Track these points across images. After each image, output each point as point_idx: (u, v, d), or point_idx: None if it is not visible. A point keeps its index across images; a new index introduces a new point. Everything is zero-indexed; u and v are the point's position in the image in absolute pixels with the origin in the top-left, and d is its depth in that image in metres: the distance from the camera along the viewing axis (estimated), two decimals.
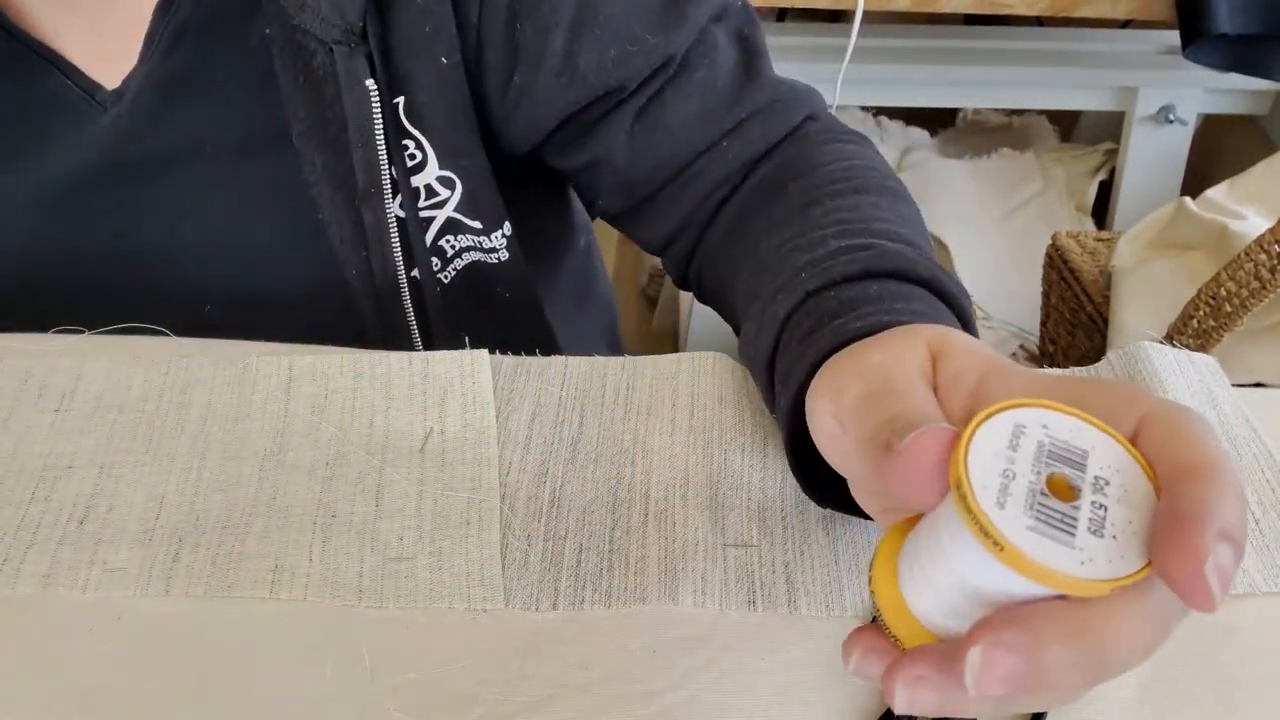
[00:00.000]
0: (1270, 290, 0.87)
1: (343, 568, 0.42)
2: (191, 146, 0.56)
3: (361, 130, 0.53)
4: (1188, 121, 1.43)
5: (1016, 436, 0.28)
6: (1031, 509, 0.27)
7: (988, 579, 0.27)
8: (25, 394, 0.49)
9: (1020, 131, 1.72)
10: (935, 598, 0.29)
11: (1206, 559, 0.25)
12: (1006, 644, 0.26)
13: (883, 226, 0.46)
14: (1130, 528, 0.27)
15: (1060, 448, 0.28)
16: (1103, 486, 0.28)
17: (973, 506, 0.27)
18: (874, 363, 0.34)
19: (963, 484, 0.27)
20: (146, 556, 0.43)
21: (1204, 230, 1.04)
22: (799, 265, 0.44)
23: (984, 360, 0.33)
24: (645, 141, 0.57)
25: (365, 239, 0.56)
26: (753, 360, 0.45)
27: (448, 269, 0.60)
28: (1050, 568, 0.26)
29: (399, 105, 0.55)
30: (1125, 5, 1.22)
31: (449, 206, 0.58)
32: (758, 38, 0.59)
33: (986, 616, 0.27)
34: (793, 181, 0.53)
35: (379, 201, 0.55)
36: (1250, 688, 0.39)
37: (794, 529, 0.44)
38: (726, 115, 0.56)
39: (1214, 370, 0.50)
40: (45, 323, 0.54)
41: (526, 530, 0.44)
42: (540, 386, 0.50)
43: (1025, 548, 0.26)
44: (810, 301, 0.42)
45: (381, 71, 0.53)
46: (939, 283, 0.42)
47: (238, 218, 0.58)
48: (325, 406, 0.48)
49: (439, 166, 0.57)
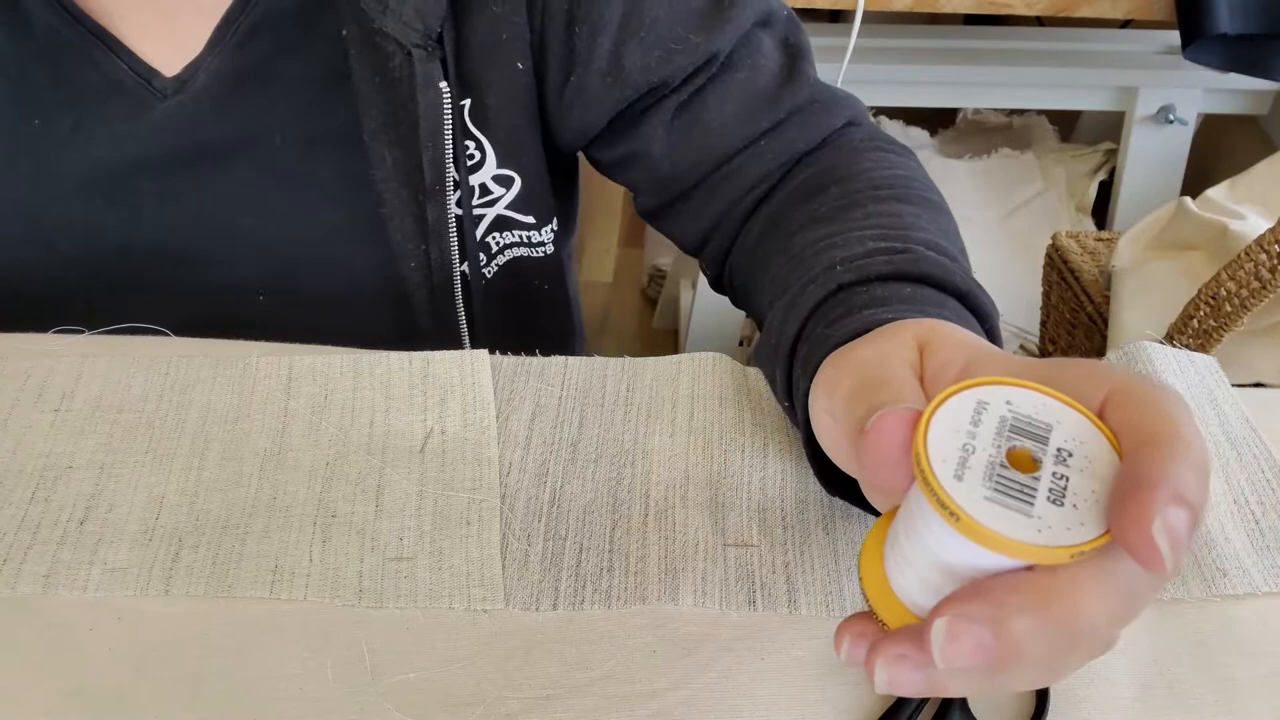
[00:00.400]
0: (1270, 290, 0.87)
1: (343, 568, 0.42)
2: (259, 138, 0.57)
3: (432, 131, 0.55)
4: (1188, 121, 1.43)
5: (979, 413, 0.29)
6: (990, 480, 0.27)
7: (954, 553, 0.28)
8: (25, 394, 0.49)
9: (1020, 131, 1.72)
10: (915, 577, 0.29)
11: (1154, 520, 0.25)
12: (970, 615, 0.27)
13: (921, 235, 0.47)
14: (1093, 497, 0.28)
15: (1023, 422, 0.29)
16: (1065, 459, 0.28)
17: (930, 479, 0.27)
18: (864, 357, 0.35)
19: (920, 459, 0.28)
20: (146, 557, 0.43)
21: (1204, 230, 1.04)
22: (833, 261, 0.45)
23: (968, 348, 0.33)
24: (683, 137, 0.58)
25: (426, 234, 0.58)
26: (774, 348, 0.45)
27: (491, 264, 0.63)
28: (1005, 535, 0.26)
29: (465, 107, 0.57)
30: (1125, 5, 1.22)
31: (500, 204, 0.61)
32: (804, 43, 0.59)
33: (953, 591, 0.28)
34: (834, 185, 0.53)
35: (442, 198, 0.57)
36: (1250, 688, 0.39)
37: (794, 529, 0.44)
38: (765, 115, 0.57)
39: (1214, 370, 0.50)
40: (88, 307, 0.56)
41: (526, 530, 0.44)
42: (540, 387, 0.50)
43: (980, 516, 0.27)
44: (841, 294, 0.43)
45: (453, 75, 0.55)
46: (974, 297, 0.43)
47: (300, 210, 0.59)
48: (325, 406, 0.48)
49: (497, 165, 0.59)
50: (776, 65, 0.58)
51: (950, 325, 0.36)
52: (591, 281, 1.84)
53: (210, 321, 0.54)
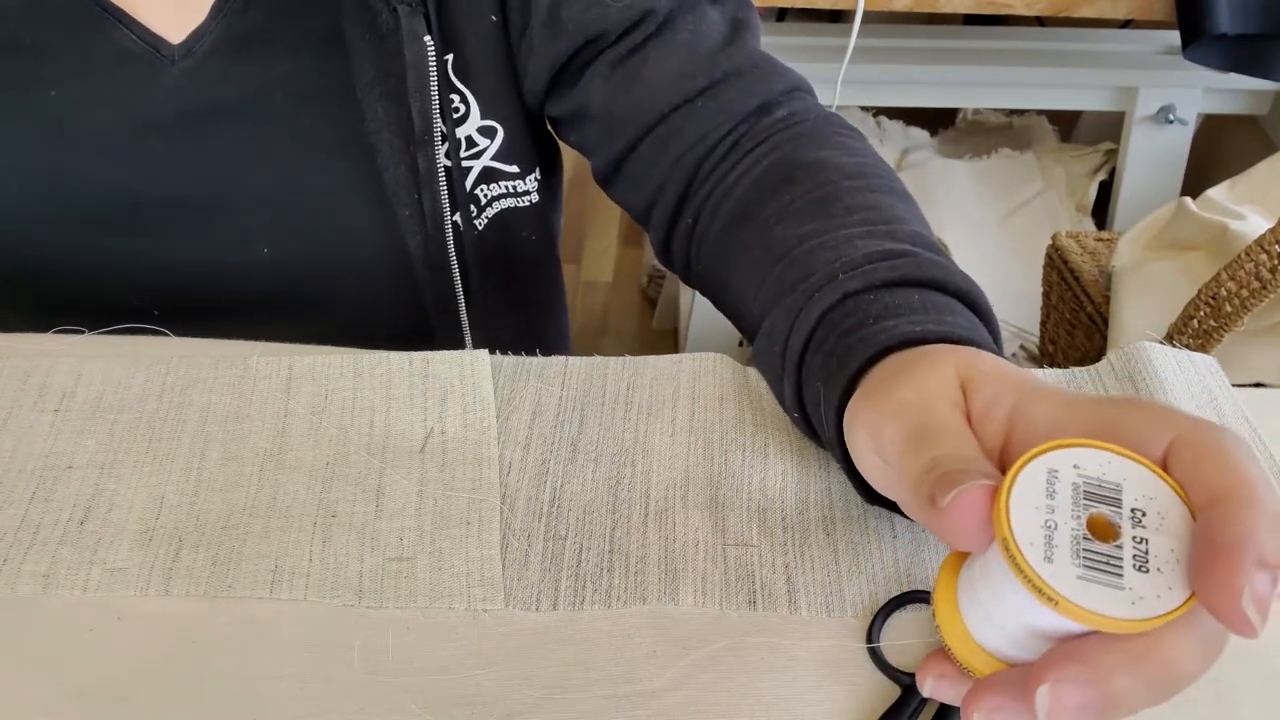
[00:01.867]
0: (1270, 290, 0.87)
1: (343, 568, 0.42)
2: (261, 98, 0.60)
3: (419, 82, 0.59)
4: (1188, 121, 1.43)
5: (1051, 483, 0.29)
6: (1077, 557, 0.28)
7: (1047, 622, 0.29)
8: (25, 394, 0.49)
9: (1020, 131, 1.72)
10: (999, 633, 0.30)
11: (1243, 591, 0.26)
12: (1071, 678, 0.28)
13: (907, 229, 0.47)
14: (1172, 556, 0.28)
15: (1094, 486, 0.29)
16: (1140, 519, 0.29)
17: (1024, 567, 0.28)
18: (908, 400, 0.35)
19: (1010, 545, 0.28)
20: (146, 557, 0.43)
21: (1204, 230, 1.04)
22: (831, 264, 0.45)
23: (1014, 385, 0.34)
24: (622, 91, 0.59)
25: (419, 183, 0.61)
26: (779, 355, 0.45)
27: (481, 216, 0.66)
28: (1105, 615, 0.27)
29: (449, 62, 0.61)
30: (1125, 5, 1.22)
31: (486, 156, 0.64)
32: (752, 21, 0.61)
33: (1050, 651, 0.29)
34: (801, 172, 0.53)
35: (431, 148, 0.61)
36: (1250, 688, 0.39)
37: (794, 529, 0.44)
38: (703, 75, 0.58)
39: (1214, 370, 0.50)
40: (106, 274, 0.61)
41: (526, 530, 0.44)
42: (540, 386, 0.50)
43: (1078, 599, 0.27)
44: (849, 303, 0.43)
45: (436, 30, 0.59)
46: (973, 296, 0.43)
47: (302, 165, 0.62)
48: (325, 406, 0.48)
49: (481, 117, 0.63)
50: (720, 34, 0.59)
51: (989, 357, 0.36)
52: (591, 281, 1.84)
53: (214, 270, 0.62)
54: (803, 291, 0.45)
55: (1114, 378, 0.50)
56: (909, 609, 0.41)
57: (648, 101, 0.59)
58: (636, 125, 0.60)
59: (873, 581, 0.42)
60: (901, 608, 0.41)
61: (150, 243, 0.62)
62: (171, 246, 0.63)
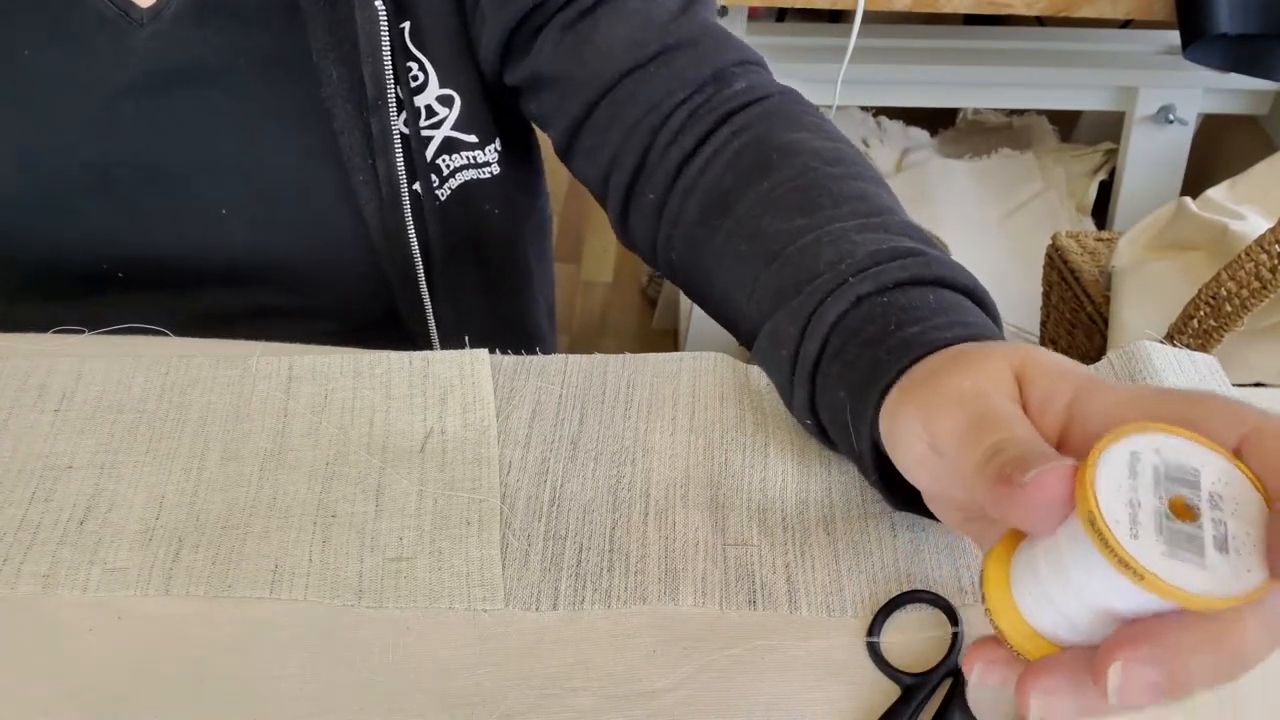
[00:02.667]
0: (1271, 290, 0.87)
1: (343, 568, 0.42)
2: (225, 65, 0.62)
3: (371, 46, 0.60)
4: (1188, 121, 1.42)
5: (1134, 464, 0.30)
6: (1161, 535, 0.29)
7: (1124, 602, 0.29)
8: (25, 394, 0.49)
9: (1020, 131, 1.72)
10: (1059, 615, 0.31)
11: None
12: (1143, 658, 0.28)
13: (897, 220, 0.47)
14: (1249, 540, 0.29)
15: (1174, 469, 0.30)
16: (1218, 502, 0.29)
17: (1111, 542, 0.28)
18: (965, 388, 0.35)
19: (1097, 520, 0.28)
20: (146, 557, 0.43)
21: (1204, 230, 1.04)
22: (835, 264, 0.44)
23: (1072, 379, 0.34)
24: (573, 55, 0.60)
25: (372, 148, 0.62)
26: (789, 360, 0.45)
27: (444, 186, 0.66)
28: (1191, 591, 0.28)
29: (405, 29, 0.61)
30: (1125, 5, 1.22)
31: (446, 125, 0.65)
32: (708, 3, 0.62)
33: (1119, 631, 0.29)
34: (777, 155, 0.53)
35: (384, 114, 0.61)
36: (1250, 688, 0.39)
37: (794, 529, 0.44)
38: (655, 41, 0.58)
39: (1214, 370, 0.50)
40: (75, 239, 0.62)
41: (526, 530, 0.44)
42: (540, 385, 0.50)
43: (1165, 574, 0.28)
44: (864, 307, 0.42)
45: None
46: (979, 293, 0.44)
47: (263, 131, 0.63)
48: (325, 406, 0.48)
49: (439, 85, 0.64)
50: (674, 3, 0.60)
51: (1044, 352, 0.36)
52: (591, 281, 1.85)
53: (182, 237, 0.63)
54: (809, 294, 0.44)
55: (1114, 377, 0.50)
56: (909, 609, 0.41)
57: (599, 66, 0.59)
58: (589, 90, 0.60)
59: (873, 581, 0.42)
60: (902, 607, 0.41)
61: (118, 209, 0.63)
62: (140, 213, 0.63)
